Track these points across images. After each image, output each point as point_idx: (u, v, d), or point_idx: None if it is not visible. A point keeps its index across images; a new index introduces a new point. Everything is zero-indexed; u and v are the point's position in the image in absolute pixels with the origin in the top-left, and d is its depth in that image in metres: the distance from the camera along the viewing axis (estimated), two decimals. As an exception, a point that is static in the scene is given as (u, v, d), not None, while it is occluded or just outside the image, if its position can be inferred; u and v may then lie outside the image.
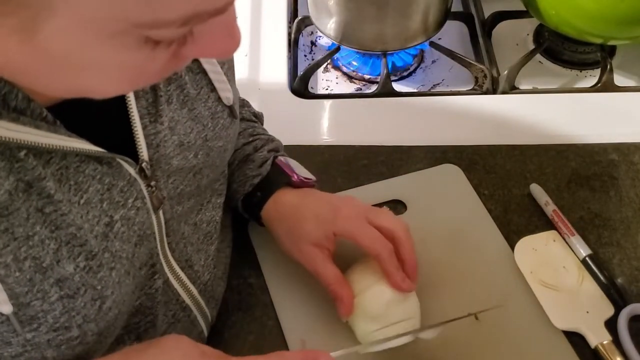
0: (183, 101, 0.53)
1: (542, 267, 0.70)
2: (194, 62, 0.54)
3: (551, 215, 0.75)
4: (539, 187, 0.77)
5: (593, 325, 0.65)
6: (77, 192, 0.45)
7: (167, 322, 0.59)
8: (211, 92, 0.56)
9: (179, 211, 0.56)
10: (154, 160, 0.51)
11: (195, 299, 0.61)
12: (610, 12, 0.84)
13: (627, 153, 0.82)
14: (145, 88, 0.50)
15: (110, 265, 0.48)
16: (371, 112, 0.89)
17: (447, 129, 0.86)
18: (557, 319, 0.66)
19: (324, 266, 0.64)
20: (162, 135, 0.51)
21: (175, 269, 0.58)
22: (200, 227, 0.62)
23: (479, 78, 0.95)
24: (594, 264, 0.70)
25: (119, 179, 0.48)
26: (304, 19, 1.00)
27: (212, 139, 0.56)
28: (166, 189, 0.53)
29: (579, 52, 0.97)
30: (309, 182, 0.69)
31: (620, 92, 0.91)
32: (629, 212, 0.76)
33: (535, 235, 0.73)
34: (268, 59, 0.96)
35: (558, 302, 0.67)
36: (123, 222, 0.49)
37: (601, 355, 0.64)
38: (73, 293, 0.46)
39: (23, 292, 0.43)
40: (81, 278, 0.46)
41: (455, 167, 0.81)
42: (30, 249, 0.43)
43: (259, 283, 0.72)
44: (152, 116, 0.50)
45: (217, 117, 0.57)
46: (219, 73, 0.56)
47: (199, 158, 0.55)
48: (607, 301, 0.67)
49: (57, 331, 0.46)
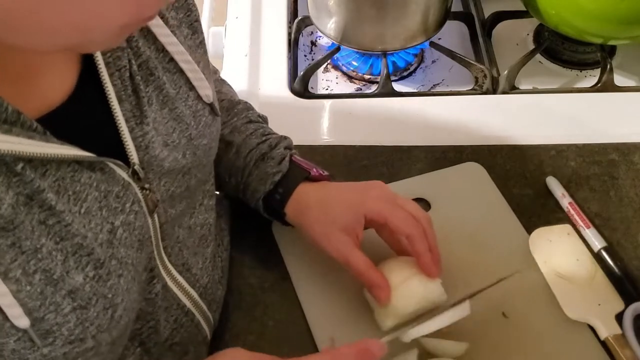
0: (163, 101, 0.53)
1: (557, 258, 0.71)
2: (171, 62, 0.53)
3: (567, 208, 0.76)
4: (555, 180, 0.78)
5: (604, 317, 0.66)
6: (76, 202, 0.45)
7: (170, 327, 0.59)
8: (190, 90, 0.56)
9: (172, 214, 0.56)
10: (144, 163, 0.51)
11: (197, 303, 0.61)
12: (610, 12, 0.84)
13: (627, 153, 0.82)
14: (128, 91, 0.49)
15: (118, 273, 0.48)
16: (371, 112, 0.89)
17: (447, 129, 0.86)
18: (569, 309, 0.67)
19: (355, 254, 0.63)
20: (149, 137, 0.51)
21: (172, 273, 0.58)
22: (195, 231, 0.61)
23: (479, 78, 0.95)
24: (609, 256, 0.71)
25: (114, 185, 0.48)
26: (304, 19, 1.00)
27: (197, 138, 0.56)
28: (159, 191, 0.53)
29: (579, 52, 0.97)
30: (326, 175, 0.70)
31: (620, 92, 0.91)
32: (629, 212, 0.76)
33: (550, 227, 0.74)
34: (268, 59, 0.96)
35: (571, 292, 0.68)
36: (125, 228, 0.49)
37: (610, 347, 0.64)
38: (85, 303, 0.46)
39: (36, 306, 0.43)
40: (92, 287, 0.46)
41: (478, 165, 0.81)
42: (39, 261, 0.43)
43: (259, 283, 0.72)
44: (137, 118, 0.50)
45: (199, 116, 0.56)
46: (197, 71, 0.55)
47: (187, 158, 0.55)
48: (618, 296, 0.68)
49: (73, 343, 0.45)
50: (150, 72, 0.51)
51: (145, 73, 0.51)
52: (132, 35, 0.50)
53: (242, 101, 0.76)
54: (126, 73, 0.49)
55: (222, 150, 0.70)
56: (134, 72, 0.50)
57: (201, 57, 0.59)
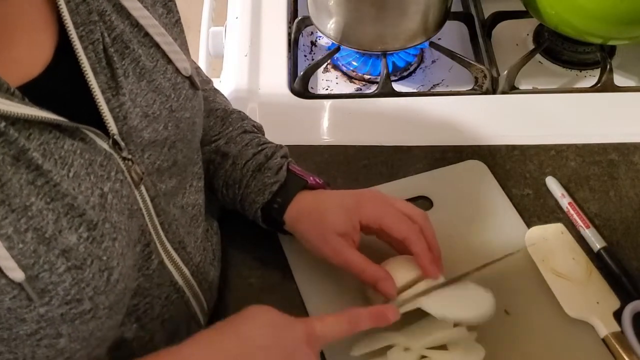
0: (140, 74, 0.53)
1: (553, 257, 0.71)
2: (146, 36, 0.54)
3: (567, 208, 0.76)
4: (555, 180, 0.78)
5: (603, 315, 0.66)
6: (64, 166, 0.46)
7: (162, 304, 0.60)
8: (168, 64, 0.56)
9: (163, 189, 0.57)
10: (124, 134, 0.51)
11: (188, 281, 0.62)
12: (610, 12, 0.84)
13: (627, 153, 0.82)
14: (102, 63, 0.50)
15: (112, 236, 0.49)
16: (371, 112, 0.89)
17: (447, 129, 0.86)
18: (569, 308, 0.67)
19: (353, 254, 0.64)
20: (126, 107, 0.51)
21: (169, 250, 0.59)
22: (187, 210, 0.62)
23: (479, 78, 0.95)
24: (608, 257, 0.71)
25: (96, 154, 0.49)
26: (304, 19, 1.00)
27: (178, 110, 0.57)
28: (143, 164, 0.54)
29: (578, 52, 0.97)
30: (322, 183, 0.70)
31: (620, 92, 0.91)
32: (628, 212, 0.76)
33: (544, 226, 0.74)
34: (268, 59, 0.96)
35: (570, 291, 0.68)
36: (113, 194, 0.49)
37: (610, 345, 0.64)
38: (80, 264, 0.46)
39: (29, 264, 0.43)
40: (86, 248, 0.47)
41: (480, 163, 0.81)
42: (30, 220, 0.43)
43: (259, 283, 0.72)
44: (113, 90, 0.51)
45: (179, 88, 0.57)
46: (171, 44, 0.56)
47: (169, 130, 0.56)
48: (614, 294, 0.68)
49: (70, 304, 0.46)
50: (125, 45, 0.52)
51: (120, 46, 0.52)
52: (104, 10, 0.51)
53: (236, 110, 0.76)
54: (99, 46, 0.50)
55: (218, 162, 0.71)
56: (107, 44, 0.51)
57: (178, 36, 0.59)
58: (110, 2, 0.52)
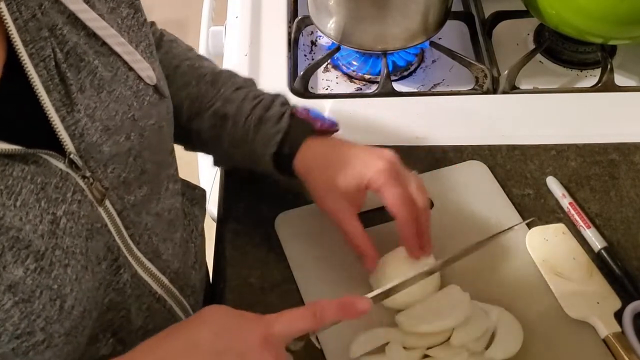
0: (99, 85, 0.52)
1: (554, 257, 0.71)
2: (103, 45, 0.53)
3: (567, 208, 0.76)
4: (555, 180, 0.78)
5: (603, 316, 0.66)
6: (10, 196, 0.44)
7: (143, 315, 0.59)
8: (129, 71, 0.55)
9: (132, 201, 0.56)
10: (82, 151, 0.50)
11: (168, 289, 0.61)
12: (611, 12, 0.84)
13: (628, 153, 0.82)
14: (55, 80, 0.49)
15: (63, 263, 0.47)
16: (371, 112, 0.89)
17: (447, 129, 0.86)
18: (570, 308, 0.67)
19: (350, 221, 0.65)
20: (82, 124, 0.50)
21: (142, 261, 0.58)
22: (163, 216, 0.61)
23: (480, 78, 0.95)
24: (609, 257, 0.71)
25: (51, 177, 0.48)
26: (304, 18, 1.00)
27: (141, 118, 0.55)
28: (107, 178, 0.52)
29: (579, 52, 0.97)
30: (333, 128, 0.69)
31: (621, 92, 0.91)
32: (629, 212, 0.76)
33: (545, 226, 0.74)
34: (268, 58, 0.96)
35: (570, 291, 0.68)
36: (68, 217, 0.48)
37: (610, 345, 0.64)
38: (28, 297, 0.45)
39: None
40: (34, 280, 0.45)
41: (481, 163, 0.81)
42: None
43: (259, 283, 0.72)
44: (67, 107, 0.49)
45: (142, 95, 0.56)
46: (132, 53, 0.55)
47: (132, 140, 0.54)
48: (614, 294, 0.68)
49: (20, 338, 0.45)
50: (80, 58, 0.51)
51: (75, 60, 0.50)
52: (55, 24, 0.49)
53: (224, 70, 0.75)
54: (51, 62, 0.48)
55: (220, 126, 0.70)
56: (59, 60, 0.49)
57: (145, 37, 0.58)
58: (64, 15, 0.50)
